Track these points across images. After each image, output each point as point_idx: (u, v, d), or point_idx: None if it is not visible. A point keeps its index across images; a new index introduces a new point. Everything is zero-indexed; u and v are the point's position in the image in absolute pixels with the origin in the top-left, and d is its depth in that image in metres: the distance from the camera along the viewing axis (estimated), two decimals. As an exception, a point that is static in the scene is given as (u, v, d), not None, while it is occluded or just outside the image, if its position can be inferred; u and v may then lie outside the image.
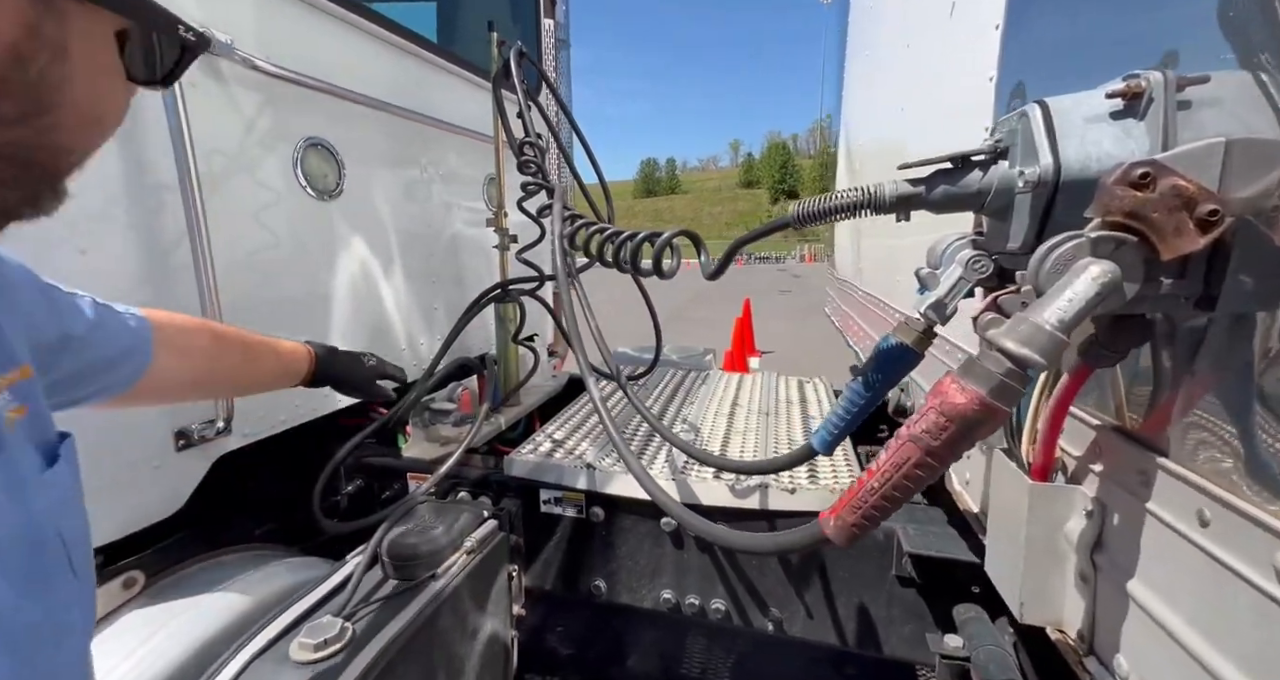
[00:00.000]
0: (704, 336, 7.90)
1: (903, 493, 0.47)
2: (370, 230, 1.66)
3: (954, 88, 0.94)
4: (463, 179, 2.10)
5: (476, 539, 1.18)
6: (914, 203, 0.58)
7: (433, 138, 1.90)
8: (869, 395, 0.73)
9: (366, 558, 1.10)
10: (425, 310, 1.91)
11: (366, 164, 1.63)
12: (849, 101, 2.30)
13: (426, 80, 1.87)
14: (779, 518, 1.19)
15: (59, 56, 0.33)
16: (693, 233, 0.93)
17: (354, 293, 1.60)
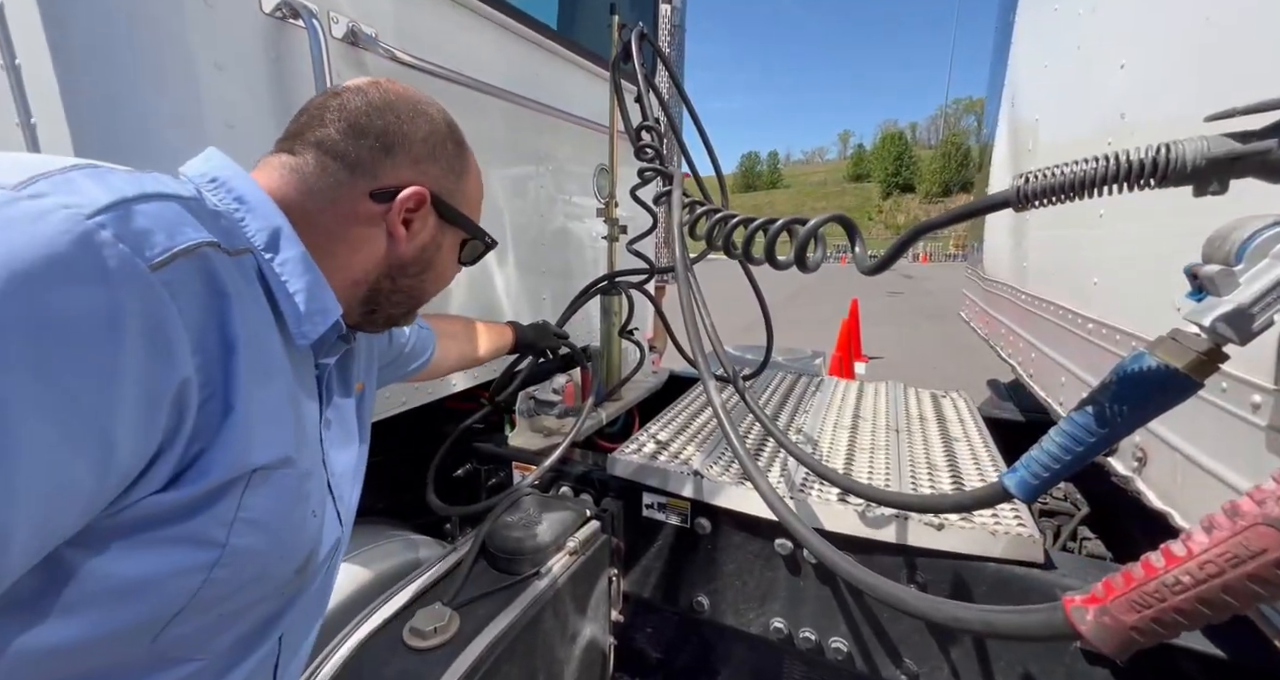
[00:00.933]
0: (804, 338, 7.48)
1: (1240, 599, 0.31)
2: (489, 219, 1.67)
3: (1238, 14, 0.70)
4: (574, 169, 2.08)
5: (580, 540, 1.13)
6: (1241, 167, 0.40)
7: (548, 127, 1.89)
8: (1104, 433, 0.55)
9: (475, 545, 1.09)
10: (534, 300, 1.91)
11: (486, 153, 1.64)
12: (1016, 74, 1.96)
13: (545, 68, 1.85)
14: (920, 556, 1.01)
15: (438, 249, 0.65)
16: (847, 219, 0.79)
17: (471, 281, 1.62)
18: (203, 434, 0.41)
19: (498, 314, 1.77)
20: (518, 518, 1.14)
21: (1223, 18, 0.76)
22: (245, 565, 0.46)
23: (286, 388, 0.50)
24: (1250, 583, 0.31)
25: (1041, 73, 1.61)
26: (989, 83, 2.47)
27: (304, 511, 0.53)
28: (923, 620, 0.83)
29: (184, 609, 0.43)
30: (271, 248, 0.50)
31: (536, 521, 1.12)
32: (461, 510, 1.27)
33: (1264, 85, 0.63)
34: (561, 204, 2.03)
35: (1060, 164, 0.50)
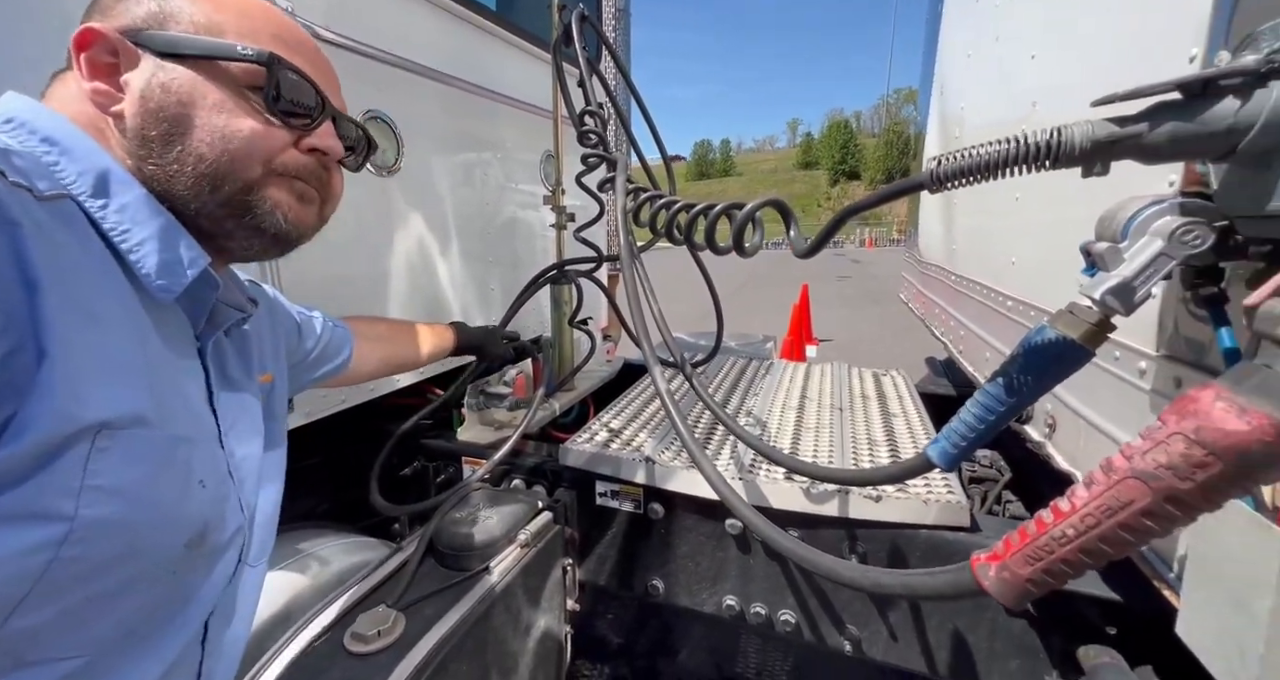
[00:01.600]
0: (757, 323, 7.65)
1: (1115, 547, 0.34)
2: (428, 208, 1.62)
3: (1127, 11, 0.75)
4: (520, 156, 2.03)
5: (531, 532, 1.12)
6: (1120, 149, 0.43)
7: (490, 112, 1.83)
8: (1012, 402, 0.59)
9: (422, 545, 1.06)
10: (481, 290, 1.86)
11: (424, 139, 1.58)
12: (945, 64, 2.05)
13: (483, 51, 1.79)
14: (860, 528, 1.06)
15: (183, 99, 0.49)
16: (782, 202, 0.80)
17: (411, 271, 1.56)
18: (15, 383, 0.36)
19: (443, 307, 1.71)
20: (467, 513, 1.12)
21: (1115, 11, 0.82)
22: (105, 539, 0.40)
23: (132, 340, 0.44)
24: (1122, 531, 0.34)
25: (966, 63, 1.69)
26: (921, 72, 2.57)
27: (182, 479, 0.47)
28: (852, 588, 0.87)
29: (28, 596, 0.37)
30: (100, 193, 0.44)
31: (486, 516, 1.10)
32: (407, 509, 1.23)
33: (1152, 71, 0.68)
34: (508, 192, 1.98)
35: (968, 148, 0.52)
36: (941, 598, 0.45)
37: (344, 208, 1.31)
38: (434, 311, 1.67)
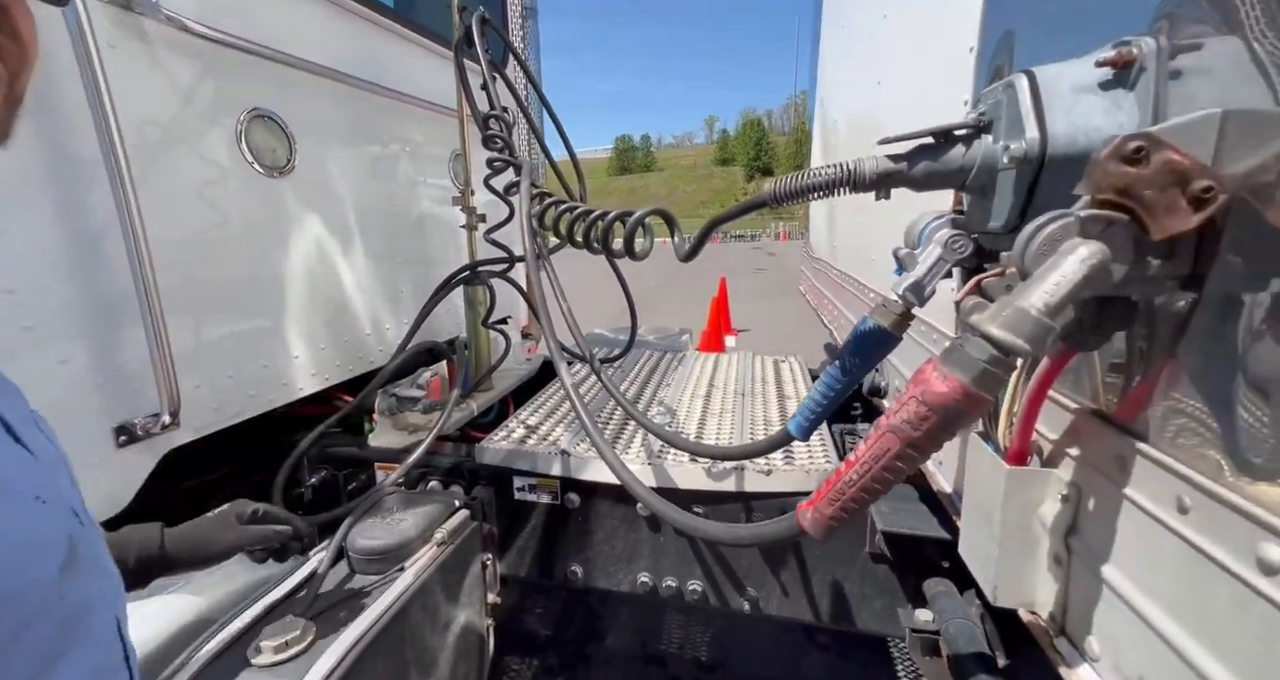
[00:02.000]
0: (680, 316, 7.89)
1: (882, 485, 0.46)
2: (327, 208, 1.57)
3: (932, 59, 0.92)
4: (427, 155, 2.00)
5: (448, 530, 1.15)
6: (895, 180, 0.55)
7: (393, 111, 1.79)
8: (845, 380, 0.72)
9: (331, 553, 1.06)
10: (391, 293, 1.83)
11: (320, 138, 1.53)
12: (824, 76, 2.26)
13: (383, 49, 1.75)
14: (756, 500, 1.19)
15: None
16: (666, 212, 0.89)
17: (311, 275, 1.51)
18: None
19: (348, 311, 1.67)
20: (381, 518, 1.13)
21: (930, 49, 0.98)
22: None
23: None
24: (885, 472, 0.45)
25: (838, 80, 1.88)
26: (810, 82, 2.80)
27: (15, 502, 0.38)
28: (720, 544, 0.99)
29: None
30: None
31: (401, 519, 1.12)
32: (317, 519, 1.21)
33: (948, 104, 0.84)
34: (417, 191, 1.95)
35: (797, 172, 0.63)
36: (779, 540, 0.56)
37: (228, 209, 1.28)
38: (339, 316, 1.63)
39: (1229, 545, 0.35)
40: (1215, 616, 0.36)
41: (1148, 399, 0.44)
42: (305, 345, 1.50)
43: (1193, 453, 0.39)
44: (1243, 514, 0.34)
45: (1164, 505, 0.40)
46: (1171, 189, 0.36)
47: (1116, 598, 0.45)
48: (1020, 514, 0.54)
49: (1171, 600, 0.40)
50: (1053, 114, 0.45)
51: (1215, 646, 0.36)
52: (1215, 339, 0.38)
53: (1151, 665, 0.41)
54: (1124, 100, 0.43)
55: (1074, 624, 0.51)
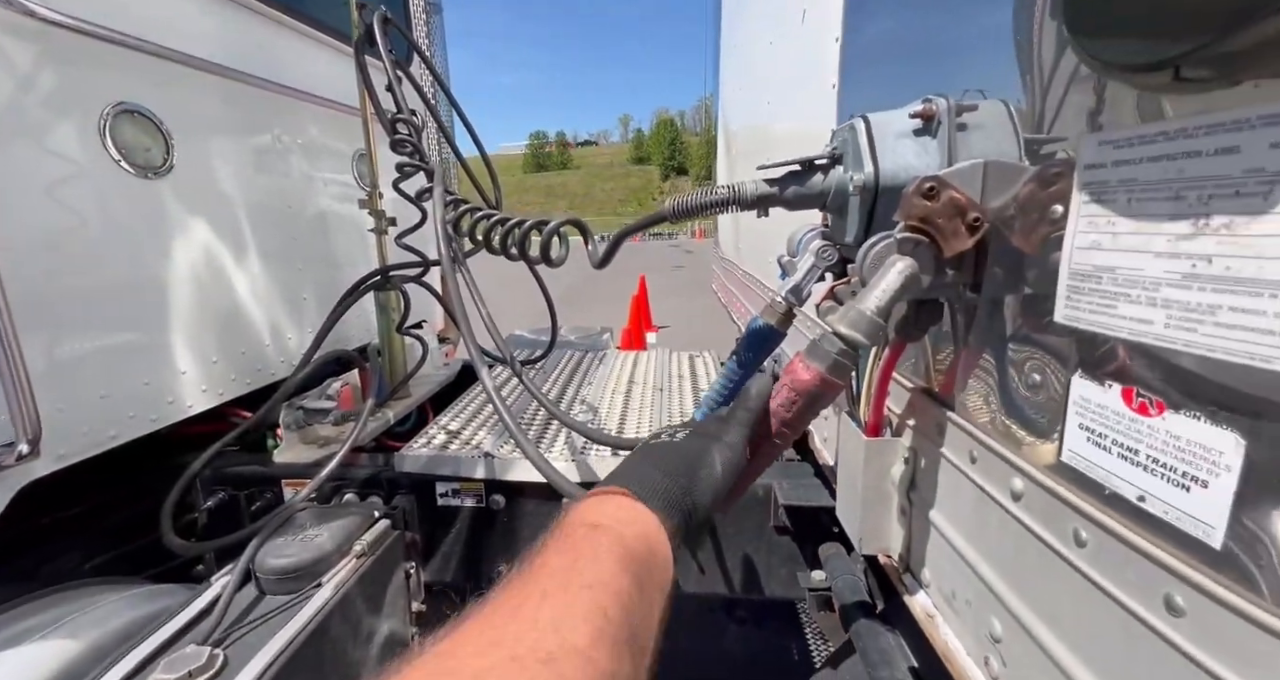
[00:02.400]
0: (601, 314, 7.94)
1: (768, 458, 0.55)
2: (214, 211, 1.46)
3: (807, 90, 1.05)
4: (328, 155, 1.90)
5: (368, 541, 1.14)
6: (771, 201, 0.65)
7: (289, 108, 1.70)
8: (742, 372, 0.81)
9: (237, 576, 1.01)
10: (291, 299, 1.73)
11: (203, 137, 1.42)
12: (726, 88, 2.41)
13: (275, 43, 1.65)
14: (673, 486, 1.29)
15: None
16: (580, 221, 0.95)
17: (198, 282, 1.41)
18: None
19: (244, 320, 1.57)
20: (293, 535, 1.09)
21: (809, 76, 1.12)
22: None
23: None
24: (769, 448, 0.55)
25: (735, 92, 2.04)
26: (714, 88, 2.96)
27: None
28: None
29: None
30: None
31: (316, 534, 1.09)
32: (214, 544, 1.15)
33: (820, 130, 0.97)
34: (318, 193, 1.85)
35: (694, 191, 0.71)
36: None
37: (92, 212, 1.17)
38: (233, 326, 1.52)
39: (998, 484, 0.47)
40: (989, 536, 0.48)
41: (954, 377, 0.56)
42: (194, 359, 1.40)
43: (980, 416, 0.52)
44: (1005, 460, 0.46)
45: (963, 458, 0.53)
46: (955, 218, 0.47)
47: (938, 534, 0.57)
48: (877, 476, 0.67)
49: (967, 530, 0.52)
50: (882, 153, 0.57)
51: (989, 557, 0.48)
52: (990, 329, 0.50)
53: (959, 582, 0.54)
54: (930, 145, 0.55)
55: (914, 560, 0.64)
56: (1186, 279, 0.30)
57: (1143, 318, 0.33)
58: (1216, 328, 0.29)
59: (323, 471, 1.24)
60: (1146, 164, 0.33)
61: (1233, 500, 0.28)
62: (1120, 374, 0.35)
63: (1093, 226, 0.36)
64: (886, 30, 0.78)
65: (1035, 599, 0.44)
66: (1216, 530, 0.29)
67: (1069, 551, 0.39)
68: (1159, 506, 0.33)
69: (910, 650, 0.83)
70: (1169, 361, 0.32)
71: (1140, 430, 0.34)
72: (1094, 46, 0.32)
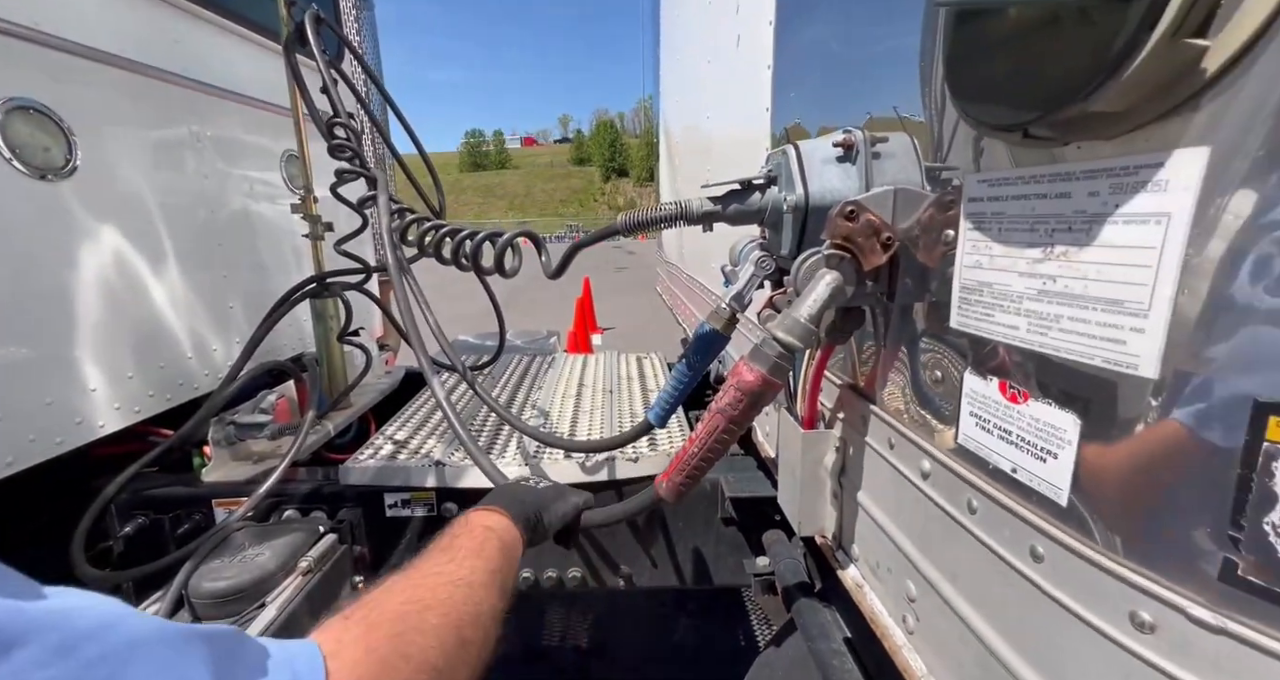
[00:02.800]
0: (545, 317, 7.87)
1: (715, 454, 0.61)
2: (126, 215, 1.36)
3: (743, 109, 1.13)
4: (255, 155, 1.81)
5: (314, 557, 1.11)
6: (715, 217, 0.71)
7: (211, 107, 1.60)
8: (691, 374, 0.88)
9: (168, 603, 0.96)
10: (216, 309, 1.63)
11: (111, 136, 1.32)
12: (666, 95, 2.49)
13: (192, 38, 1.55)
14: (626, 485, 1.33)
15: None
16: (534, 234, 0.98)
17: (108, 292, 1.31)
18: None
19: (163, 333, 1.46)
20: (229, 557, 1.05)
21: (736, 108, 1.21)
22: None
23: None
24: (716, 444, 0.60)
25: (675, 102, 2.12)
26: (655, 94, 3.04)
27: None
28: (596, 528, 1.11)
29: None
30: None
31: (257, 553, 1.05)
32: (136, 572, 1.08)
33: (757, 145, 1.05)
34: (246, 194, 1.75)
35: (643, 207, 0.76)
36: (643, 510, 0.69)
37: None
38: (149, 338, 1.42)
39: (910, 465, 0.55)
40: (905, 511, 0.57)
41: (875, 374, 0.65)
42: (104, 375, 1.30)
43: (896, 408, 0.60)
44: (916, 445, 0.54)
45: (883, 445, 0.61)
46: (871, 238, 0.55)
47: (864, 513, 0.65)
48: (812, 465, 0.74)
49: (887, 507, 0.60)
50: (811, 177, 0.64)
51: (905, 529, 0.57)
52: (903, 333, 0.59)
53: (882, 553, 0.62)
54: (851, 171, 0.63)
55: (845, 538, 0.72)
56: (1040, 294, 0.38)
57: (1011, 324, 0.41)
58: (1060, 333, 0.37)
59: (261, 488, 1.19)
60: (1011, 201, 0.41)
61: (1073, 467, 0.37)
62: (997, 369, 0.43)
63: (975, 249, 0.44)
64: (815, 57, 0.86)
65: (941, 561, 0.52)
66: (1063, 491, 0.37)
67: (965, 518, 0.47)
68: (1025, 476, 0.41)
69: (844, 623, 0.92)
70: (1030, 359, 0.40)
71: (1012, 415, 0.42)
72: (969, 107, 0.39)
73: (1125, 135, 0.32)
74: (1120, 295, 0.33)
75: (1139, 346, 0.32)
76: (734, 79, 1.24)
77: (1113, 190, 0.33)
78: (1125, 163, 0.32)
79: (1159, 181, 0.30)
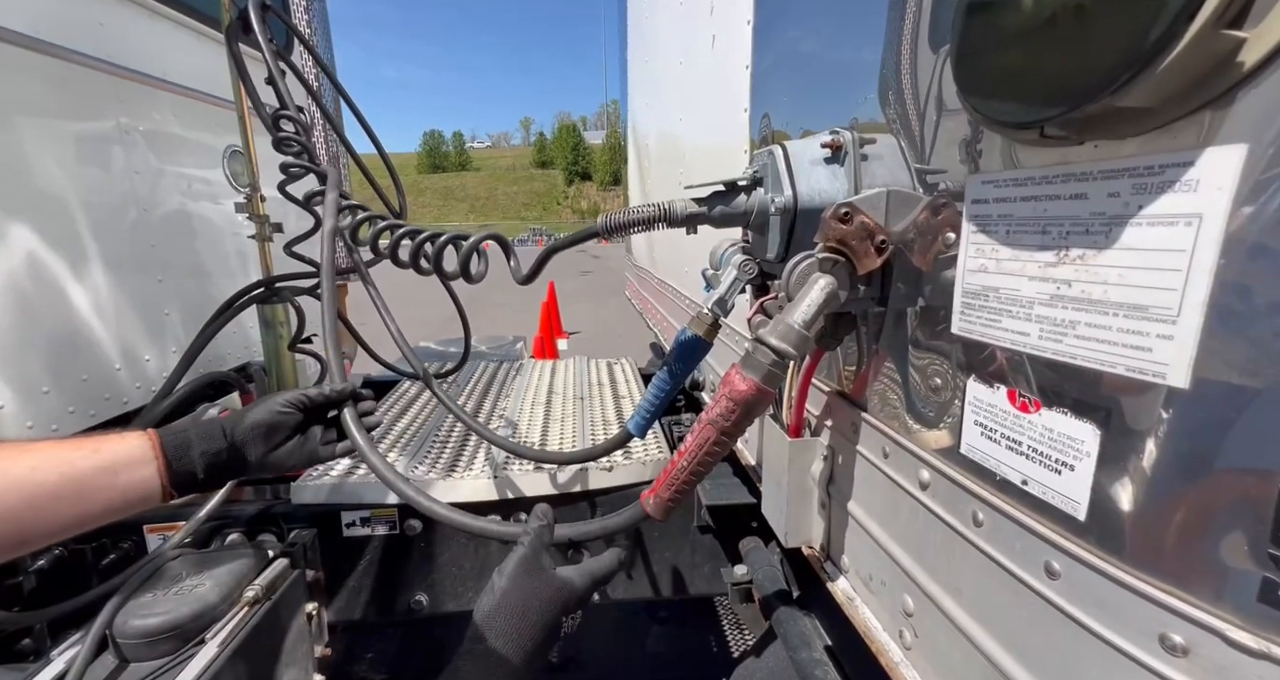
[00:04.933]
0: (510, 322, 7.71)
1: (706, 467, 0.57)
2: (40, 212, 1.23)
3: (719, 111, 1.11)
4: (193, 150, 1.67)
5: (262, 585, 1.01)
6: (699, 219, 0.68)
7: (135, 95, 1.47)
8: (673, 382, 0.84)
9: (89, 645, 0.86)
10: (149, 316, 1.50)
11: (21, 126, 1.19)
12: (634, 98, 2.47)
13: (118, 21, 1.42)
14: (600, 495, 1.29)
15: None
16: (501, 237, 0.93)
17: (18, 296, 1.17)
18: None
19: (86, 342, 1.32)
20: (164, 589, 0.94)
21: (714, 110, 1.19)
22: None
23: None
24: (706, 457, 0.57)
25: (645, 108, 2.09)
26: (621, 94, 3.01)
27: None
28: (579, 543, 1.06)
29: None
30: None
31: (196, 584, 0.95)
32: (49, 613, 0.96)
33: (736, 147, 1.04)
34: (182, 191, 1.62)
35: (624, 209, 0.72)
36: (629, 526, 0.65)
37: None
38: (69, 348, 1.28)
39: (907, 475, 0.54)
40: (901, 522, 0.55)
41: (866, 381, 0.63)
42: (13, 390, 1.16)
43: (890, 416, 0.58)
44: (913, 454, 0.52)
45: (876, 454, 0.59)
46: (865, 241, 0.53)
47: (856, 524, 0.63)
48: (799, 474, 0.72)
49: (881, 518, 0.59)
50: (799, 178, 0.62)
51: (901, 541, 0.55)
52: (896, 338, 0.57)
53: (875, 565, 0.60)
54: (839, 172, 0.62)
55: (834, 549, 0.70)
56: (1053, 299, 0.37)
57: (1021, 330, 0.39)
58: (1076, 339, 0.35)
59: (200, 511, 1.09)
60: (1020, 202, 0.39)
61: (1092, 480, 0.35)
62: (1005, 377, 0.42)
63: (980, 253, 0.43)
64: (794, 58, 0.85)
65: (941, 575, 0.50)
66: (1081, 505, 0.36)
67: (969, 531, 0.46)
68: (1038, 488, 0.39)
69: (825, 631, 0.91)
70: (1043, 367, 0.39)
71: (1022, 425, 0.40)
72: (980, 104, 0.38)
73: (1148, 133, 0.31)
74: (1145, 300, 0.31)
75: (1167, 354, 0.30)
76: (709, 81, 1.22)
77: (1135, 191, 0.31)
78: (1150, 162, 0.30)
79: (1189, 181, 0.29)
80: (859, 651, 0.70)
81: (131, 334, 1.43)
